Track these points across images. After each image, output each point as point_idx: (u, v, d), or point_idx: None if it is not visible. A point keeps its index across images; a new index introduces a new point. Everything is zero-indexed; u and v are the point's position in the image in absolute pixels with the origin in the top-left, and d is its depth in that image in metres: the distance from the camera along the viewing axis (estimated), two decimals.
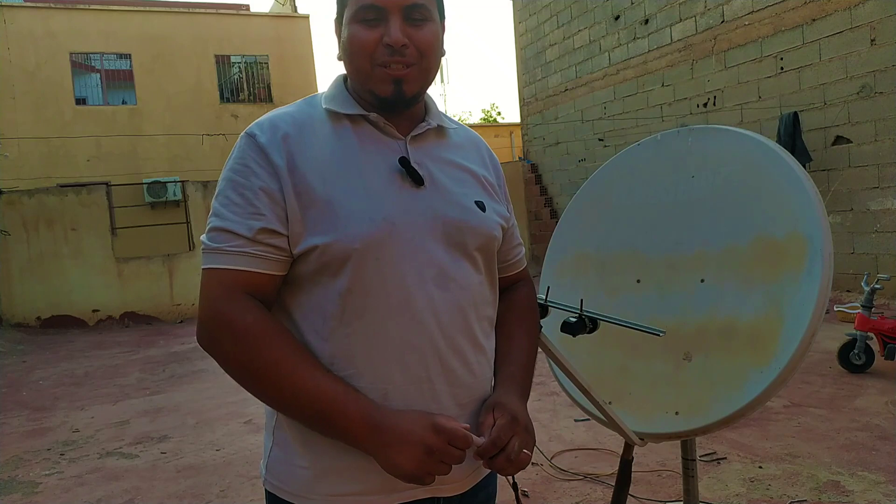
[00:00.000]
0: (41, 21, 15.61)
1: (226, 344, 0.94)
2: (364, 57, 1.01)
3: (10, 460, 4.27)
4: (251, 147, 0.99)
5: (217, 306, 0.94)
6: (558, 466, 3.46)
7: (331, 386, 0.93)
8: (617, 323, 1.29)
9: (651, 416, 1.64)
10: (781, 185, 1.59)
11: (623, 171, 1.99)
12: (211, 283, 0.96)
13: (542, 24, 13.24)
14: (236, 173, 0.98)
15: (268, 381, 0.93)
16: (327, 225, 0.96)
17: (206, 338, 0.96)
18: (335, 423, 0.92)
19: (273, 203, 0.96)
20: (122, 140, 15.69)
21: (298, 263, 0.99)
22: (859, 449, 3.40)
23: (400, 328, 0.98)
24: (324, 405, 0.92)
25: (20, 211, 10.51)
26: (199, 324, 0.97)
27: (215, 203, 0.99)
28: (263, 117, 1.04)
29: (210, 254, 0.97)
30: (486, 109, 43.62)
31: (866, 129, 7.37)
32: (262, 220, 0.96)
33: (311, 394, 0.92)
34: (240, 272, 0.95)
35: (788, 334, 1.45)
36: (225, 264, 0.95)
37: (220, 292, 0.95)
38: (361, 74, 1.03)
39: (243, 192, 0.97)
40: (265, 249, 0.96)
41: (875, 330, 4.69)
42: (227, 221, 0.96)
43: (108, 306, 10.67)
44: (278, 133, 1.00)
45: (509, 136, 19.72)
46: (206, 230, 0.98)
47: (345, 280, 0.97)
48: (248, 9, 19.74)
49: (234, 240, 0.95)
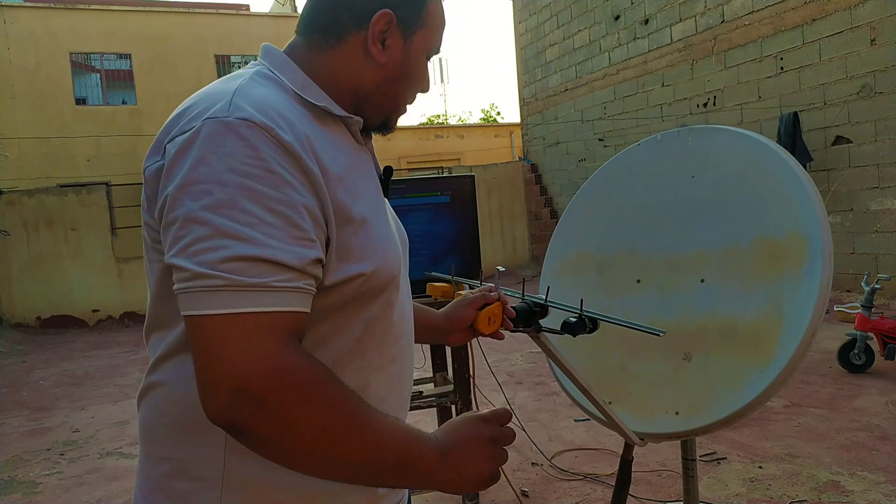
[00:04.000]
0: (41, 21, 15.61)
1: (297, 408, 0.70)
2: (413, 94, 0.97)
3: (10, 460, 4.27)
4: (271, 146, 0.75)
5: (279, 361, 0.70)
6: (558, 466, 3.46)
7: (396, 427, 0.79)
8: (617, 323, 1.28)
9: (651, 416, 1.64)
10: (781, 185, 1.59)
11: (623, 171, 1.99)
12: (253, 332, 0.70)
13: (542, 24, 13.24)
14: (254, 179, 0.73)
15: (352, 441, 0.74)
16: (368, 249, 0.83)
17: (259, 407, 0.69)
18: (415, 466, 0.79)
19: (317, 226, 0.77)
20: (122, 140, 15.69)
21: (329, 294, 0.81)
22: (859, 449, 3.40)
23: (402, 353, 0.95)
24: (402, 451, 0.78)
25: (20, 211, 10.52)
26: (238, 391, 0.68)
27: (219, 219, 0.71)
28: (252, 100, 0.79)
29: (244, 292, 0.70)
30: (485, 109, 43.66)
31: (866, 129, 7.37)
32: (313, 249, 0.75)
33: (390, 443, 0.77)
34: (293, 315, 0.73)
35: (788, 334, 1.45)
36: (275, 306, 0.71)
37: (275, 343, 0.70)
38: (391, 103, 0.95)
39: (276, 208, 0.73)
40: (311, 283, 0.76)
41: (875, 330, 4.69)
42: (266, 249, 0.71)
43: (108, 306, 10.67)
44: (299, 132, 0.79)
45: (509, 136, 19.72)
46: (217, 258, 0.70)
47: (374, 310, 0.87)
48: (248, 9, 19.75)
49: (282, 272, 0.72)
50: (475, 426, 0.86)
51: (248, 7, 19.98)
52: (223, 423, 0.70)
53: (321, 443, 0.72)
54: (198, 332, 0.71)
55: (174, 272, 0.73)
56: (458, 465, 0.82)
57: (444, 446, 0.82)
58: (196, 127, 0.75)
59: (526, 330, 1.28)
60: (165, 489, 0.84)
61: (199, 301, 0.70)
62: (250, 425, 0.69)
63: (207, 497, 0.81)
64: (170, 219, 0.74)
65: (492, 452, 0.85)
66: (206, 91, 0.84)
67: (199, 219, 0.71)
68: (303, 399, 0.71)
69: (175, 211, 0.73)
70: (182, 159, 0.74)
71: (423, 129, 21.13)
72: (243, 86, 0.82)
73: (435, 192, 3.09)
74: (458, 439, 0.84)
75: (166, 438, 0.84)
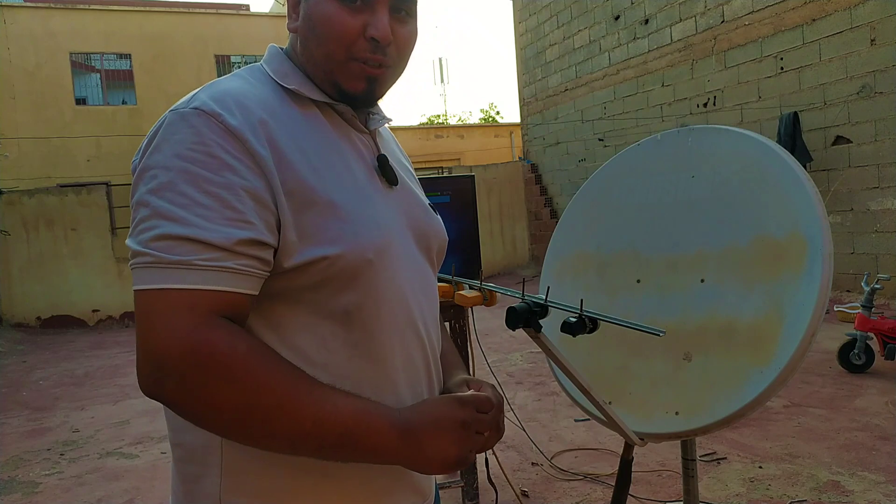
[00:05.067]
0: (41, 21, 15.62)
1: (215, 385, 0.72)
2: (340, 46, 0.86)
3: (10, 460, 4.28)
4: (216, 131, 0.77)
5: (195, 337, 0.71)
6: (558, 466, 3.46)
7: (348, 402, 0.78)
8: (617, 323, 1.28)
9: (651, 416, 1.64)
10: (781, 185, 1.59)
11: (623, 171, 1.99)
12: (173, 308, 0.72)
13: (542, 24, 13.24)
14: (195, 164, 0.75)
15: (281, 417, 0.74)
16: (335, 231, 0.81)
17: (177, 382, 0.71)
18: (363, 442, 0.78)
19: (261, 207, 0.78)
20: (122, 140, 15.69)
21: (290, 277, 0.81)
22: (859, 449, 3.40)
23: (403, 344, 0.91)
24: (349, 425, 0.77)
25: (20, 211, 10.52)
26: (157, 366, 0.71)
27: (158, 201, 0.75)
28: (214, 91, 0.82)
29: (168, 269, 0.73)
30: (485, 109, 43.65)
31: (866, 129, 7.37)
32: (248, 230, 0.76)
33: (332, 417, 0.76)
34: (218, 293, 0.74)
35: (788, 334, 1.45)
36: (197, 283, 0.73)
37: (193, 320, 0.72)
38: (330, 63, 0.87)
39: (212, 190, 0.75)
40: (248, 263, 0.76)
41: (875, 330, 4.69)
42: (193, 228, 0.73)
43: (108, 306, 10.67)
44: (253, 117, 0.80)
45: (509, 136, 19.72)
46: (149, 237, 0.74)
47: (353, 296, 0.84)
48: (248, 9, 19.75)
49: (207, 251, 0.74)
50: (448, 406, 0.84)
51: (248, 7, 19.98)
52: (150, 394, 0.74)
53: (246, 418, 0.73)
54: (135, 308, 0.76)
55: None
56: (421, 444, 0.80)
57: (408, 423, 0.80)
58: (161, 120, 0.81)
59: (526, 330, 1.27)
60: (181, 472, 0.87)
61: (136, 277, 0.75)
62: (172, 399, 0.73)
63: (212, 482, 0.84)
64: (131, 204, 0.80)
65: (461, 436, 0.82)
66: None
67: (143, 201, 0.76)
68: (222, 376, 0.72)
69: (133, 196, 0.79)
70: (145, 150, 0.80)
71: (423, 129, 21.14)
72: (216, 80, 0.87)
73: (435, 192, 3.09)
74: (426, 418, 0.82)
75: (176, 425, 0.87)
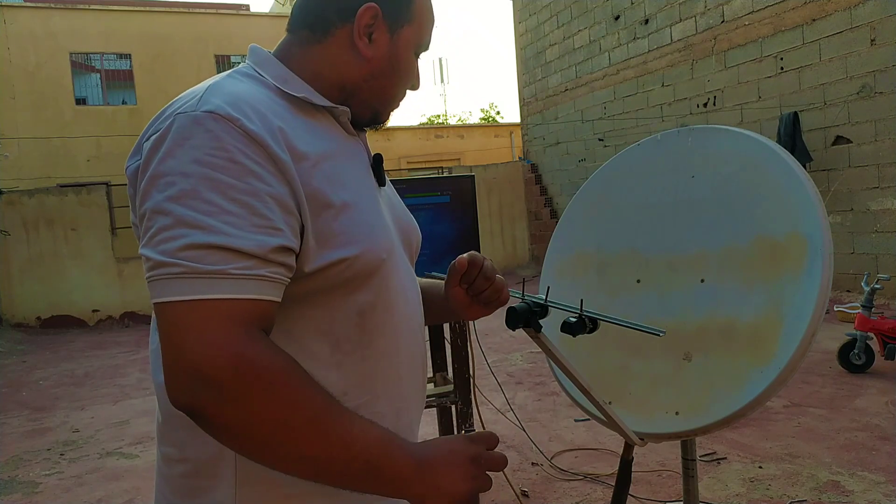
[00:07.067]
0: (41, 21, 15.62)
1: (255, 399, 0.70)
2: (405, 90, 0.98)
3: (10, 460, 4.28)
4: (236, 136, 0.76)
5: (237, 349, 0.70)
6: (558, 466, 3.46)
7: (373, 429, 0.78)
8: (617, 323, 1.28)
9: (651, 416, 1.64)
10: (781, 185, 1.59)
11: (623, 171, 1.99)
12: (210, 319, 0.70)
13: (542, 24, 13.24)
14: (217, 170, 0.74)
15: (313, 436, 0.73)
16: (352, 233, 0.83)
17: (216, 394, 0.69)
18: (385, 471, 0.77)
19: (287, 213, 0.77)
20: (122, 140, 15.69)
21: (307, 281, 0.81)
22: (859, 449, 3.40)
23: (408, 341, 0.95)
24: (374, 452, 0.76)
25: (20, 211, 10.52)
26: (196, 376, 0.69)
27: (181, 209, 0.72)
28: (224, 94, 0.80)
29: (201, 279, 0.71)
30: (485, 109, 43.65)
31: (866, 129, 7.37)
32: (278, 236, 0.75)
33: (360, 443, 0.75)
34: (254, 302, 0.73)
35: (788, 334, 1.45)
36: (233, 293, 0.72)
37: (233, 330, 0.71)
38: (392, 99, 0.98)
39: (238, 197, 0.74)
40: (278, 271, 0.76)
41: (875, 330, 4.69)
42: (224, 236, 0.72)
43: (108, 306, 10.67)
44: (270, 122, 0.79)
45: (509, 136, 19.72)
46: (176, 247, 0.71)
47: (366, 295, 0.86)
48: (248, 9, 19.75)
49: (240, 260, 0.72)
50: (459, 443, 0.85)
51: (248, 7, 19.99)
52: (183, 406, 0.71)
53: (280, 435, 0.71)
54: (161, 319, 0.72)
55: (144, 263, 0.75)
56: (434, 479, 0.80)
57: (422, 457, 0.80)
58: (168, 124, 0.77)
59: (526, 330, 1.27)
60: (186, 487, 0.85)
61: (162, 288, 0.72)
62: (209, 411, 0.70)
63: (224, 493, 0.83)
64: (141, 212, 0.76)
65: (472, 472, 0.83)
66: (184, 93, 0.85)
67: (163, 209, 0.73)
68: (263, 390, 0.70)
69: (145, 204, 0.75)
70: (154, 155, 0.76)
71: (423, 129, 21.13)
72: (217, 82, 0.84)
73: (435, 192, 3.10)
74: (439, 452, 0.83)
75: (179, 439, 0.85)
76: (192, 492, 0.85)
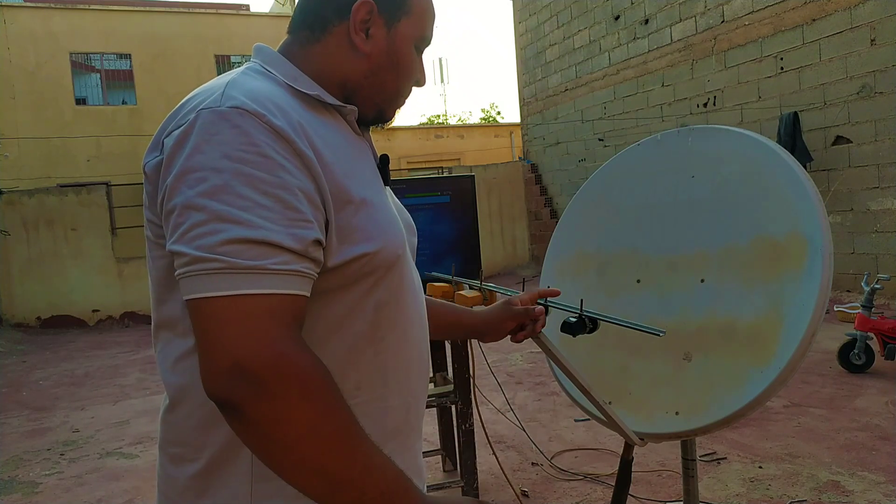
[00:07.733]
0: (41, 21, 15.61)
1: (293, 399, 0.69)
2: (409, 86, 0.98)
3: (10, 460, 4.28)
4: (263, 131, 0.75)
5: (281, 348, 0.70)
6: (558, 466, 3.46)
7: (392, 465, 0.76)
8: (617, 323, 1.29)
9: (651, 416, 1.64)
10: (781, 185, 1.59)
11: (623, 171, 1.99)
12: (252, 314, 0.70)
13: (542, 24, 13.24)
14: (248, 165, 0.73)
15: (337, 450, 0.71)
16: (370, 230, 0.83)
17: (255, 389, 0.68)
18: None
19: (314, 208, 0.77)
20: (122, 140, 15.69)
21: (328, 276, 0.80)
22: (859, 449, 3.40)
23: (417, 335, 0.96)
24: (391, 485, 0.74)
25: (20, 211, 10.52)
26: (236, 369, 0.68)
27: (215, 203, 0.72)
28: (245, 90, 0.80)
29: (241, 274, 0.70)
30: (485, 109, 43.66)
31: (866, 129, 7.37)
32: (311, 230, 0.75)
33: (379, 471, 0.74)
34: (292, 297, 0.73)
35: (788, 334, 1.45)
36: (274, 288, 0.71)
37: (276, 326, 0.70)
38: (396, 95, 0.97)
39: (271, 192, 0.73)
40: (310, 266, 0.76)
41: (875, 330, 4.69)
42: (261, 230, 0.71)
43: (108, 306, 10.67)
44: (293, 118, 0.80)
45: (509, 136, 19.72)
46: (215, 242, 0.71)
47: (382, 291, 0.87)
48: (248, 9, 19.74)
49: (279, 254, 0.72)
50: (471, 501, 0.85)
51: (248, 7, 19.98)
52: (219, 398, 0.70)
53: (307, 442, 0.70)
54: (198, 315, 0.71)
55: (175, 259, 0.74)
56: None
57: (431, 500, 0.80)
58: (191, 119, 0.77)
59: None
60: (198, 486, 0.84)
61: (199, 284, 0.71)
62: (245, 405, 0.69)
63: (241, 490, 0.82)
64: (169, 208, 0.75)
65: None
66: (200, 88, 0.85)
67: (195, 205, 0.72)
68: (301, 392, 0.70)
69: (174, 199, 0.74)
70: (179, 151, 0.76)
71: (423, 129, 21.13)
72: (235, 78, 0.84)
73: (435, 192, 3.10)
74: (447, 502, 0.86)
75: (192, 439, 0.85)
76: (203, 492, 0.83)
